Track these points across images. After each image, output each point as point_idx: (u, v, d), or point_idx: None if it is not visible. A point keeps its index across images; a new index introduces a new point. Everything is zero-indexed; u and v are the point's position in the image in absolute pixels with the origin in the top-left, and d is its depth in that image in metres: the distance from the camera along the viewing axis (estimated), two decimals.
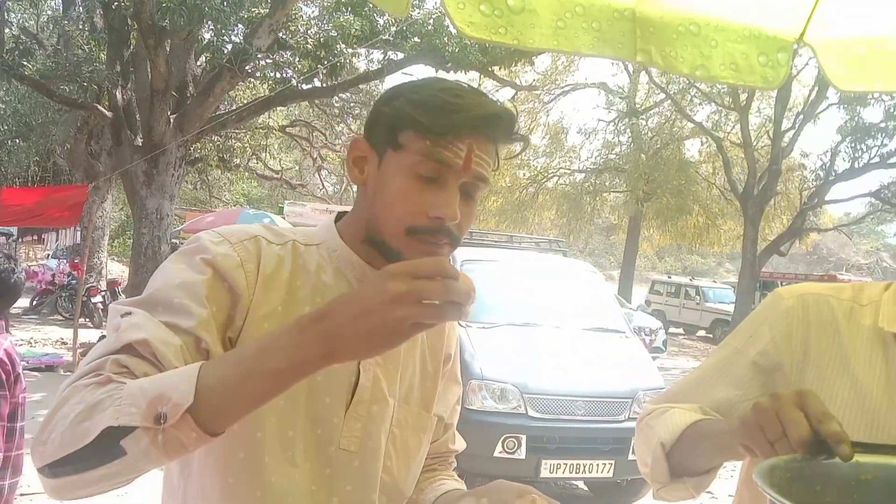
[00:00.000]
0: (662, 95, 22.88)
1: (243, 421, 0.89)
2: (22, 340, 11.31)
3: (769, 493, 0.76)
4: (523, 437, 5.25)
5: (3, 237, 19.78)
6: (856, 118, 19.63)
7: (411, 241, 0.99)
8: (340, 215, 1.13)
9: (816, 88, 18.42)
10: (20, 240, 20.41)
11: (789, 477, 0.85)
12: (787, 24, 1.56)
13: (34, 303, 15.63)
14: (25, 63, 10.88)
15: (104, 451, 0.77)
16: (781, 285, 1.35)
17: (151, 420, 0.76)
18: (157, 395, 0.77)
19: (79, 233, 12.57)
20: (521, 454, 5.24)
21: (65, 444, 0.78)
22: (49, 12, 17.13)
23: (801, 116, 19.48)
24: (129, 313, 0.91)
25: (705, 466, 1.14)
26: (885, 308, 1.14)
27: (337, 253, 1.07)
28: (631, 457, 5.34)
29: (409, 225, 0.98)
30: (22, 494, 5.01)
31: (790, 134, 19.58)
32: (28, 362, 9.45)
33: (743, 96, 19.45)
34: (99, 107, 11.00)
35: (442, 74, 11.47)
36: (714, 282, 28.33)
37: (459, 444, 1.31)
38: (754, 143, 20.50)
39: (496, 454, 5.21)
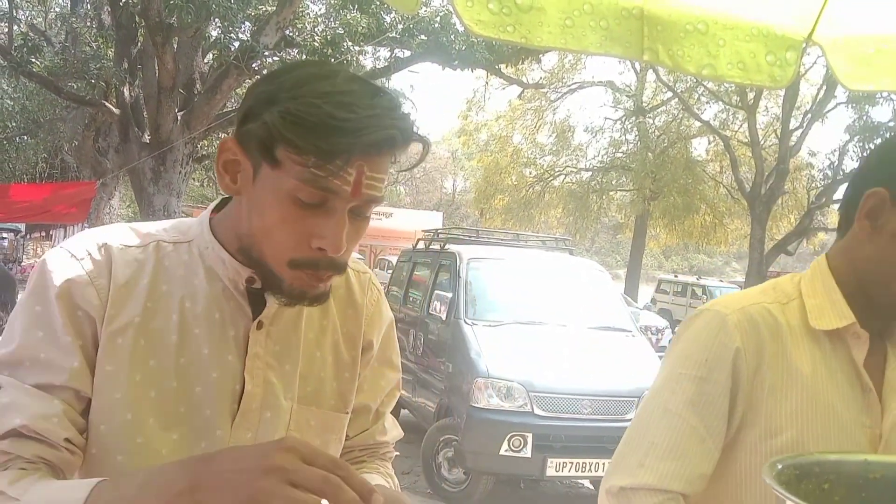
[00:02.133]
0: (670, 94, 22.81)
1: (119, 429, 0.90)
2: None
3: (778, 491, 0.75)
4: (529, 436, 5.25)
5: (12, 233, 19.88)
6: (864, 117, 19.53)
7: (294, 272, 0.90)
8: (223, 203, 1.01)
9: (825, 87, 18.33)
10: (28, 236, 20.51)
11: (797, 474, 0.85)
12: (796, 23, 1.55)
13: None
14: (34, 60, 10.91)
15: None
16: None
17: None
18: None
19: (86, 229, 12.61)
20: (527, 452, 5.24)
21: None
22: (57, 9, 17.18)
23: (809, 115, 19.39)
24: (0, 387, 0.87)
25: None
26: (809, 304, 1.15)
27: (208, 251, 0.97)
28: None
29: (290, 257, 0.89)
30: None
31: (798, 133, 19.50)
32: None
33: (751, 95, 19.38)
34: (106, 104, 11.03)
35: (448, 72, 11.48)
36: (721, 281, 28.25)
37: (393, 435, 1.21)
38: (762, 142, 20.42)
39: (502, 452, 5.21)
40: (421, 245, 8.20)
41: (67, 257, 0.92)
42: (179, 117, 10.61)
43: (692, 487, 1.10)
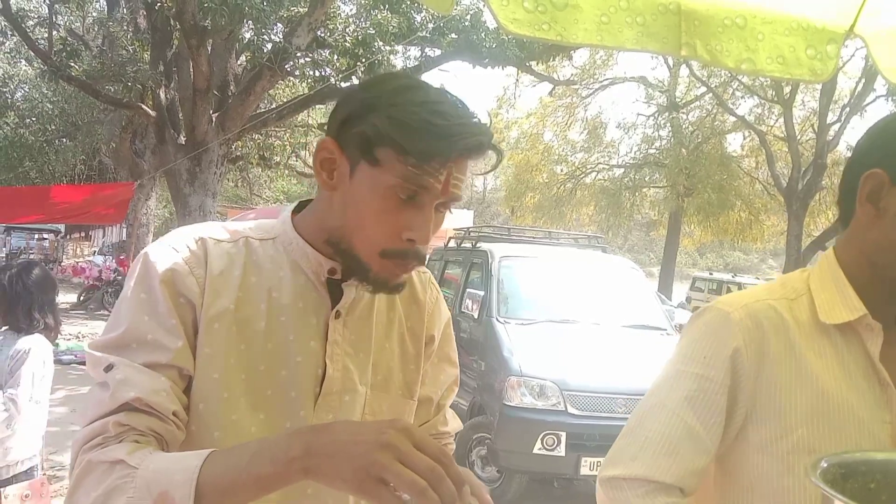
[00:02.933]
0: (703, 89, 22.51)
1: (216, 407, 0.99)
2: (70, 335, 11.62)
3: (824, 489, 0.75)
4: (563, 434, 5.23)
5: (52, 234, 20.32)
6: None
7: (384, 261, 0.99)
8: (301, 205, 1.12)
9: (863, 80, 17.95)
10: (68, 236, 20.95)
11: (843, 473, 0.84)
12: (837, 16, 1.53)
13: (81, 298, 16.03)
14: (72, 64, 11.14)
15: None
16: None
17: None
18: (161, 492, 0.82)
19: (124, 230, 12.87)
20: (561, 451, 5.22)
21: None
22: (94, 14, 17.51)
23: (848, 109, 19.00)
24: (112, 366, 0.94)
25: None
26: (818, 299, 1.13)
27: (293, 246, 1.06)
28: None
29: (382, 247, 0.98)
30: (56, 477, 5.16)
31: (836, 127, 19.12)
32: (76, 356, 9.70)
33: (787, 89, 19.05)
34: (143, 106, 11.23)
35: (479, 70, 11.43)
36: (757, 278, 27.84)
37: (453, 426, 1.30)
38: (798, 137, 20.07)
39: (535, 451, 5.20)
40: (452, 243, 8.20)
41: (168, 249, 1.01)
42: (214, 119, 10.75)
43: (684, 483, 1.10)
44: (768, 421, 1.10)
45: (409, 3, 10.93)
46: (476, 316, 6.27)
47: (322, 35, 10.98)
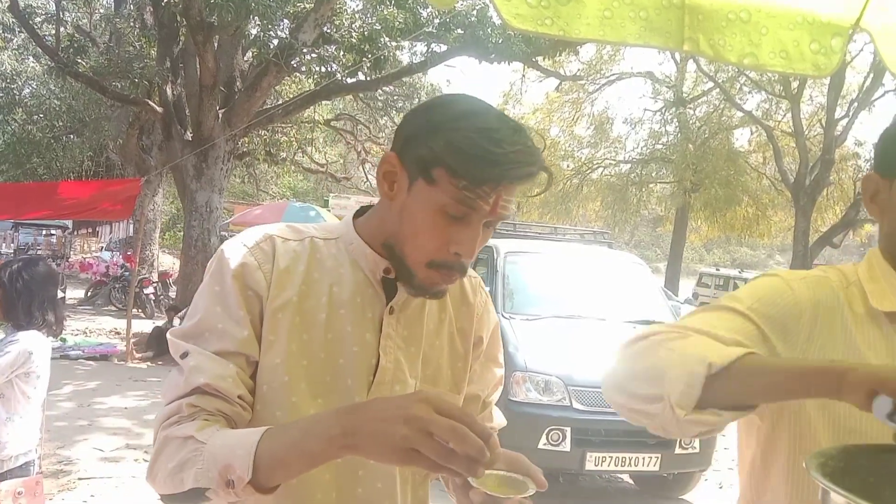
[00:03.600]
0: (710, 84, 22.44)
1: (278, 389, 1.09)
2: (77, 330, 11.68)
3: (823, 483, 0.75)
4: (568, 430, 5.23)
5: (60, 230, 20.41)
6: None
7: (429, 271, 1.08)
8: (362, 210, 1.20)
9: (871, 75, 17.86)
10: (75, 233, 21.02)
11: (842, 467, 0.84)
12: (843, 10, 1.52)
13: (89, 294, 16.09)
14: (79, 60, 11.18)
15: (195, 497, 0.98)
16: None
17: (223, 485, 0.93)
18: (225, 465, 0.93)
19: (131, 226, 12.88)
20: (566, 446, 5.22)
21: (167, 486, 1.00)
22: (101, 11, 17.56)
23: (856, 104, 18.91)
24: (188, 353, 1.06)
25: (746, 403, 1.01)
26: (868, 287, 1.15)
27: (353, 246, 1.15)
28: (678, 450, 5.29)
29: (430, 259, 1.07)
30: (80, 479, 5.19)
31: (844, 122, 19.03)
32: (84, 351, 9.75)
33: (794, 84, 18.97)
34: (150, 102, 11.26)
35: (485, 65, 11.44)
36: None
37: (498, 421, 1.38)
38: (806, 132, 19.99)
39: (540, 446, 5.20)
40: None
41: (241, 247, 1.12)
42: (220, 115, 10.77)
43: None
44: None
45: None
46: None
47: (328, 31, 10.99)
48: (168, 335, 1.12)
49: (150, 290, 14.69)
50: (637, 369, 1.09)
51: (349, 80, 12.10)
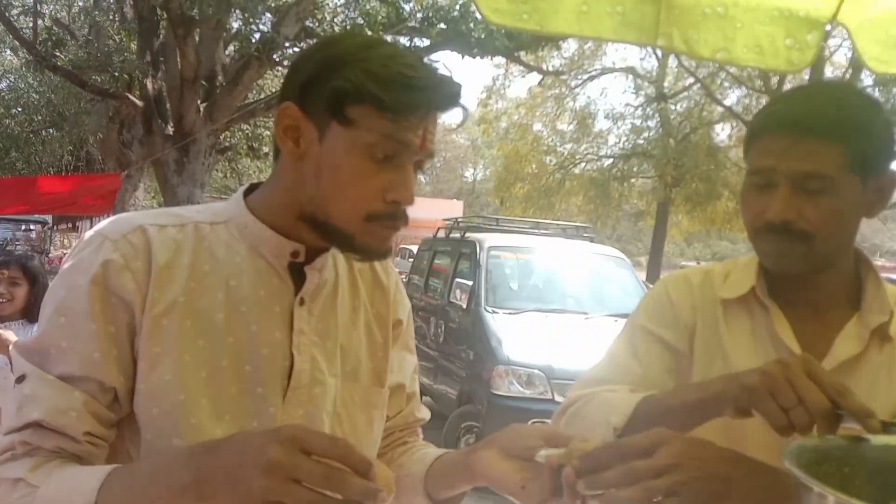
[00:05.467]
0: (691, 79, 22.56)
1: (172, 411, 0.91)
2: None
3: (798, 475, 0.75)
4: (550, 423, 5.26)
5: (39, 225, 20.17)
6: (892, 101, 19.17)
7: (370, 225, 0.93)
8: (252, 187, 1.03)
9: (850, 70, 18.04)
10: (55, 227, 20.80)
11: (817, 458, 0.85)
12: (820, 4, 1.53)
13: None
14: (58, 54, 11.04)
15: None
16: None
17: None
18: None
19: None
20: None
21: None
22: (80, 3, 17.34)
23: None
24: (24, 377, 0.88)
25: None
26: (735, 276, 1.21)
27: (248, 229, 0.98)
28: None
29: (367, 211, 0.91)
30: None
31: None
32: None
33: (774, 79, 19.12)
34: (130, 96, 11.14)
35: (468, 60, 11.44)
36: None
37: (424, 413, 1.23)
38: None
39: None
40: (441, 234, 8.20)
41: (101, 240, 0.92)
42: (202, 109, 10.68)
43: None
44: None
45: None
46: (464, 306, 6.29)
47: (310, 25, 10.92)
48: (11, 349, 0.96)
49: None
50: None
51: None
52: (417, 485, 1.07)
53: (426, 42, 11.78)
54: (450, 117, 1.01)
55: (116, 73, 10.88)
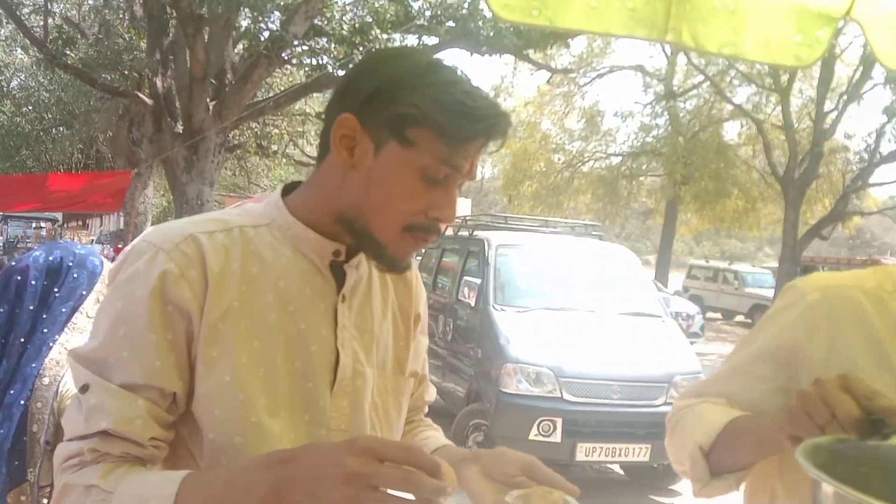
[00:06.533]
0: (701, 77, 22.48)
1: (233, 411, 0.94)
2: None
3: (815, 473, 0.75)
4: (559, 421, 5.26)
5: (49, 222, 20.30)
6: None
7: (404, 236, 0.97)
8: (288, 188, 1.07)
9: (861, 68, 17.92)
10: (65, 225, 20.93)
11: (833, 458, 0.84)
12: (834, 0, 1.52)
13: None
14: (68, 52, 11.09)
15: None
16: (823, 270, 1.30)
17: None
18: None
19: (122, 218, 12.83)
20: (557, 437, 5.25)
21: None
22: (90, 2, 17.41)
23: (845, 97, 18.97)
24: (87, 386, 0.91)
25: (745, 463, 1.13)
26: None
27: (291, 231, 1.01)
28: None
29: (405, 223, 0.96)
30: None
31: (833, 115, 19.10)
32: None
33: (784, 77, 19.02)
34: (140, 94, 11.18)
35: (476, 58, 11.40)
36: (753, 266, 27.87)
37: (431, 394, 1.31)
38: (796, 125, 20.05)
39: (531, 437, 5.22)
40: (449, 232, 8.19)
41: (154, 251, 0.94)
42: (211, 107, 10.71)
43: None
44: None
45: None
46: (473, 304, 6.29)
47: (319, 23, 10.93)
48: (68, 356, 0.96)
49: None
50: (670, 450, 1.25)
51: (340, 73, 12.05)
52: None
53: (435, 40, 11.78)
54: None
55: (126, 72, 10.94)
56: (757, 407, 1.14)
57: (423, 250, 9.32)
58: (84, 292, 1.95)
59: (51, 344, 1.88)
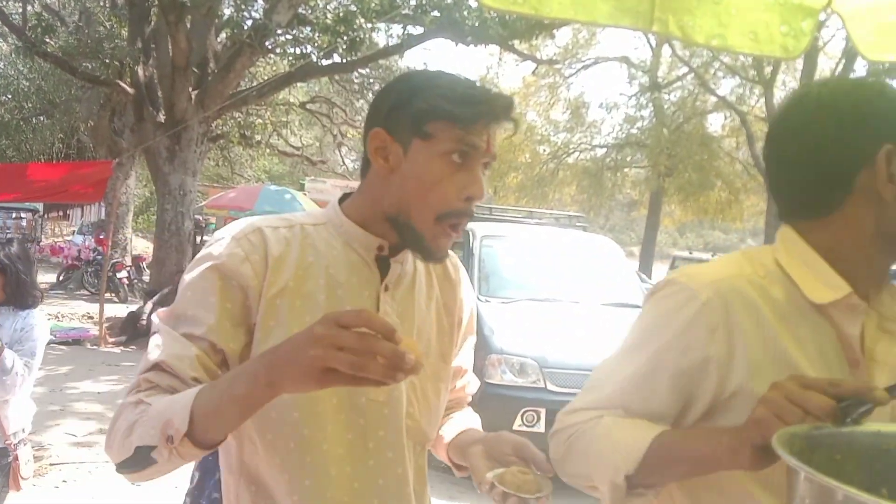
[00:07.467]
0: (685, 69, 22.55)
1: None
2: (50, 315, 11.51)
3: (792, 462, 0.75)
4: (542, 411, 5.28)
5: (30, 213, 20.07)
6: None
7: (438, 227, 1.13)
8: (345, 197, 1.25)
9: (844, 60, 18.05)
10: (46, 216, 20.70)
11: (809, 445, 0.85)
12: None
13: (61, 278, 15.84)
14: (48, 40, 10.92)
15: (143, 459, 1.01)
16: None
17: (164, 441, 0.97)
18: (166, 420, 0.98)
19: (103, 209, 12.70)
20: (541, 427, 5.27)
21: (119, 453, 1.04)
22: None
23: None
24: (157, 332, 1.12)
25: (674, 481, 1.11)
26: (797, 276, 1.08)
27: (343, 228, 1.20)
28: None
29: (439, 212, 1.12)
30: (52, 464, 5.13)
31: None
32: (56, 336, 9.62)
33: (768, 69, 19.12)
34: (121, 83, 11.05)
35: (461, 48, 11.36)
36: None
37: (474, 385, 1.50)
38: None
39: (515, 427, 5.24)
40: None
41: (227, 238, 1.16)
42: (193, 96, 10.61)
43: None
44: (737, 408, 1.04)
45: None
46: None
47: (303, 12, 10.84)
48: (153, 317, 1.16)
49: (123, 273, 14.51)
50: (566, 463, 1.16)
51: (324, 62, 11.96)
52: (444, 446, 1.36)
53: (420, 30, 11.73)
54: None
55: (107, 60, 10.79)
56: (656, 417, 1.09)
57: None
58: None
59: None
